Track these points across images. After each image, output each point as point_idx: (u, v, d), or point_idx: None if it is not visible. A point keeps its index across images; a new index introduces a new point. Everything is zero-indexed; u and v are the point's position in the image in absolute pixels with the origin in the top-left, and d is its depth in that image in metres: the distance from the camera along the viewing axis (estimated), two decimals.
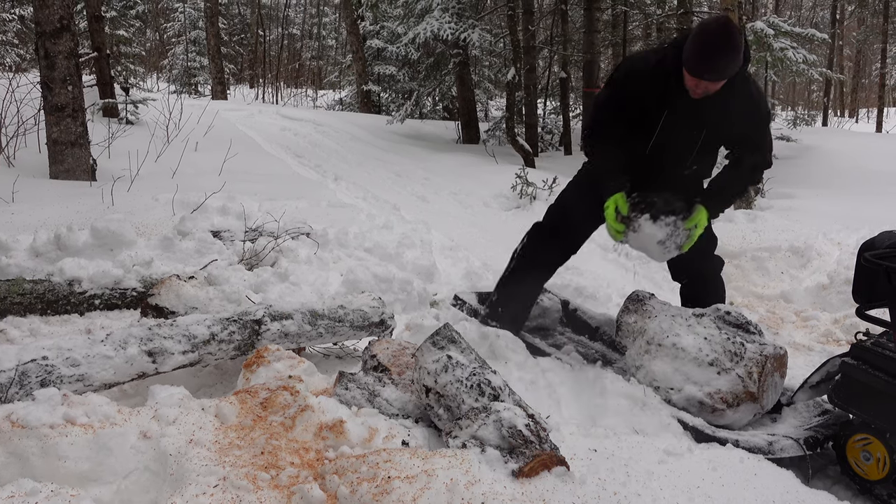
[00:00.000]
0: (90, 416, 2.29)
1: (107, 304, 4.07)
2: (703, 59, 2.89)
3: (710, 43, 2.87)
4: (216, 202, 5.71)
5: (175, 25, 33.06)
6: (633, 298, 3.44)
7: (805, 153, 12.22)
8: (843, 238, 5.79)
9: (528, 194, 7.96)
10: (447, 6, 12.45)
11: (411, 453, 2.25)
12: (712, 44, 2.87)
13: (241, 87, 34.33)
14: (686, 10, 11.79)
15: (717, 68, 2.91)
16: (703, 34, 2.90)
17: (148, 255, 4.43)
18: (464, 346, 2.79)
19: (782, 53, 11.09)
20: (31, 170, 6.64)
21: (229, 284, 4.03)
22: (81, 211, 5.28)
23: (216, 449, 2.26)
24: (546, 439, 2.40)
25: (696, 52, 2.90)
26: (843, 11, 27.70)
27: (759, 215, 6.90)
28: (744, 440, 2.79)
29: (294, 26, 39.65)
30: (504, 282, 3.91)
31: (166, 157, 7.87)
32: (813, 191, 8.84)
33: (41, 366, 2.61)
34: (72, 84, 6.59)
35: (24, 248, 4.28)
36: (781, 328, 4.78)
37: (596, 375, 3.25)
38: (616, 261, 6.19)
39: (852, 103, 33.12)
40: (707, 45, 2.88)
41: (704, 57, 2.89)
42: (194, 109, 10.94)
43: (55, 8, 6.41)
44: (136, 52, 18.44)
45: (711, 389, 2.95)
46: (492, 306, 3.88)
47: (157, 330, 2.98)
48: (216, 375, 3.39)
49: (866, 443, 2.73)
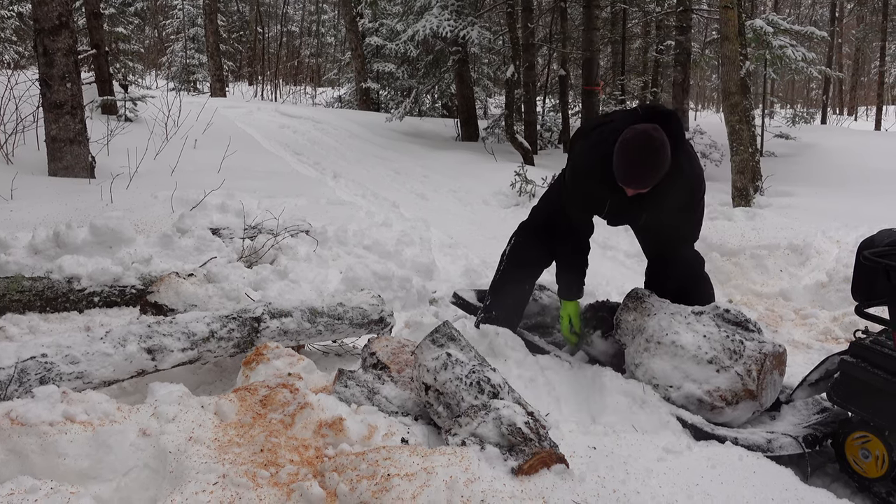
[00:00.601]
0: (90, 414, 2.29)
1: (106, 301, 4.07)
2: (628, 173, 2.97)
3: (633, 160, 2.94)
4: (215, 199, 5.70)
5: (174, 22, 32.97)
6: (633, 296, 3.44)
7: (804, 151, 12.23)
8: (842, 236, 5.79)
9: (527, 192, 7.96)
10: (446, 4, 12.44)
11: (411, 451, 2.26)
12: (635, 161, 2.94)
13: (239, 84, 34.26)
14: (685, 7, 11.80)
15: (641, 180, 3.00)
16: (626, 151, 2.95)
17: (147, 252, 4.43)
18: (463, 343, 2.80)
19: (781, 51, 11.09)
20: (29, 167, 6.63)
21: (228, 282, 4.03)
22: (80, 208, 5.28)
23: (216, 446, 2.26)
24: (545, 437, 2.40)
25: (621, 168, 2.97)
26: (843, 9, 27.68)
27: (757, 213, 6.90)
28: (743, 438, 2.80)
29: (293, 23, 39.59)
30: (496, 285, 3.93)
31: (165, 155, 7.86)
32: (812, 188, 8.84)
33: (40, 363, 2.61)
34: (70, 81, 6.57)
35: (23, 246, 4.27)
36: (780, 326, 4.78)
37: (595, 373, 3.25)
38: (615, 258, 6.20)
39: (851, 101, 33.11)
40: (631, 162, 2.94)
41: (630, 172, 2.97)
42: (193, 107, 10.93)
43: (54, 5, 6.40)
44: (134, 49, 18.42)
45: (710, 387, 2.95)
46: (486, 309, 3.88)
47: (157, 327, 2.99)
48: (215, 373, 3.39)
49: (865, 440, 2.73)
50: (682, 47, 11.95)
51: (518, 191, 8.03)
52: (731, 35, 7.74)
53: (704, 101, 37.89)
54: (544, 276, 4.93)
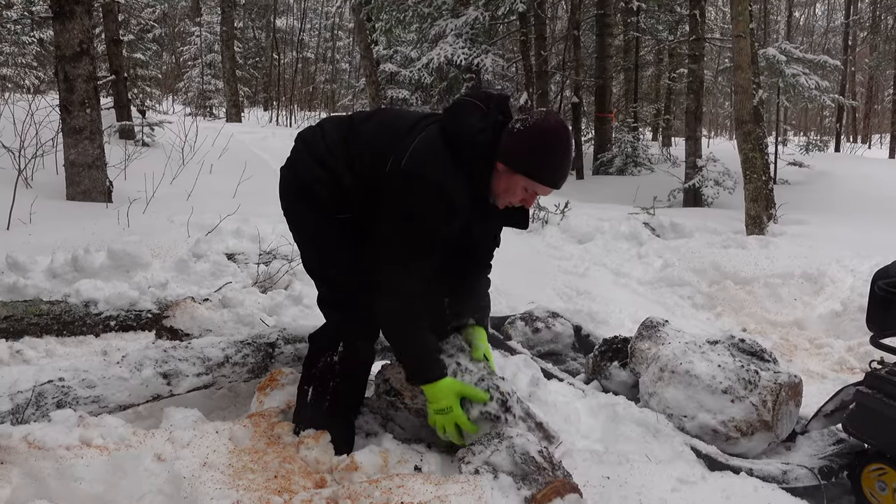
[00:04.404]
0: (105, 438, 2.31)
1: (122, 325, 4.10)
2: (561, 171, 2.44)
3: (566, 152, 2.43)
4: (231, 224, 5.75)
5: (191, 49, 33.46)
6: (647, 325, 3.44)
7: (818, 179, 12.21)
8: (857, 265, 5.76)
9: (539, 218, 7.98)
10: (461, 32, 12.58)
11: (424, 479, 2.26)
12: (567, 152, 2.44)
13: (255, 109, 34.62)
14: (698, 36, 11.86)
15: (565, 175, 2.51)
16: (555, 141, 2.38)
17: (163, 277, 4.47)
18: (472, 355, 2.78)
19: (794, 79, 11.13)
20: (48, 191, 6.71)
21: (243, 307, 4.05)
22: (98, 232, 5.33)
23: (230, 472, 2.27)
24: (559, 466, 2.40)
25: (559, 164, 2.42)
26: (856, 38, 27.76)
27: (771, 241, 6.88)
28: (758, 469, 2.78)
29: (308, 50, 40.05)
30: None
31: (181, 180, 7.95)
32: (825, 217, 8.82)
33: (58, 387, 2.63)
34: (90, 107, 6.68)
35: (41, 270, 4.32)
36: (795, 355, 4.75)
37: (608, 402, 3.24)
38: (628, 286, 6.19)
39: (865, 129, 33.05)
40: (566, 152, 2.43)
41: (564, 168, 2.44)
42: (209, 132, 11.05)
43: (75, 32, 6.52)
44: (152, 74, 18.67)
45: (725, 417, 2.94)
46: None
47: (172, 352, 3.00)
48: (229, 398, 3.40)
49: (881, 473, 2.71)
50: (694, 75, 11.99)
51: (531, 217, 8.05)
52: (743, 64, 7.77)
53: (717, 128, 37.92)
54: (557, 303, 4.94)
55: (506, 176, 2.44)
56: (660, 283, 6.07)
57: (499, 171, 2.44)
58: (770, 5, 23.70)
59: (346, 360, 2.69)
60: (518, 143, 2.39)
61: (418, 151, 2.42)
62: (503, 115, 2.51)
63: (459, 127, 2.44)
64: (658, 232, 7.78)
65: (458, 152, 2.41)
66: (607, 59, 15.71)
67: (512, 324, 4.22)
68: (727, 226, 8.08)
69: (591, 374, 3.71)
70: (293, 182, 2.74)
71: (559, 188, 2.50)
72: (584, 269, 6.36)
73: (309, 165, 2.66)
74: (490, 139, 2.43)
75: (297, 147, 2.76)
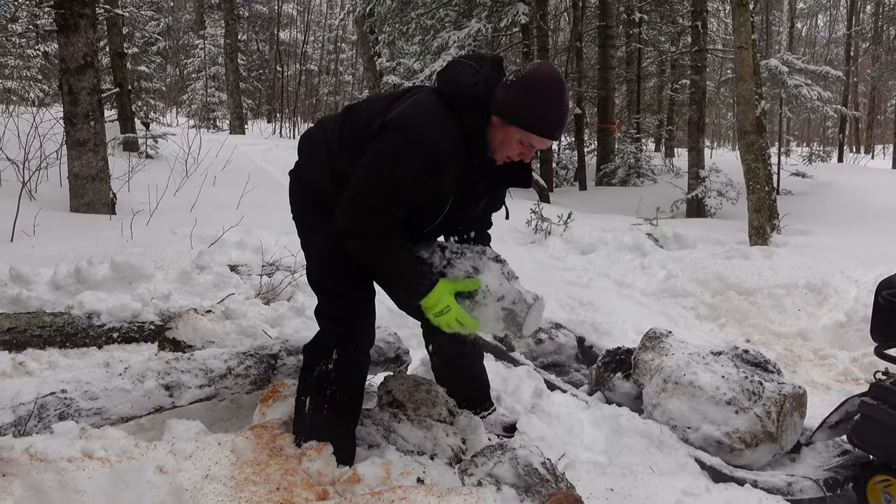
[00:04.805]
0: (108, 450, 2.30)
1: (125, 337, 4.10)
2: (561, 116, 2.37)
3: (563, 100, 2.36)
4: (234, 236, 5.76)
5: (195, 61, 33.65)
6: (650, 336, 3.43)
7: (821, 189, 12.21)
8: (861, 276, 5.74)
9: (542, 229, 7.97)
10: (463, 44, 12.63)
11: (427, 491, 2.25)
12: (564, 99, 2.37)
13: (258, 121, 34.76)
14: (700, 47, 11.90)
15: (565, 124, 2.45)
16: (547, 90, 2.34)
17: (166, 288, 4.47)
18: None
19: (797, 90, 11.15)
20: (52, 203, 6.73)
21: (246, 318, 4.05)
22: (101, 244, 5.34)
23: (232, 484, 2.26)
24: (562, 477, 2.39)
25: (553, 112, 2.35)
26: (858, 48, 27.80)
27: (774, 252, 6.87)
28: (762, 480, 2.76)
29: (312, 62, 40.22)
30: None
31: (185, 191, 7.97)
32: (829, 227, 8.80)
33: (60, 399, 2.63)
34: (94, 119, 6.71)
35: (44, 281, 4.33)
36: (799, 366, 4.73)
37: (612, 413, 3.23)
38: (631, 297, 6.17)
39: (868, 140, 33.07)
40: (562, 102, 2.36)
41: (563, 113, 2.37)
42: (213, 144, 11.08)
43: (80, 45, 6.56)
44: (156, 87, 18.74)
45: (729, 429, 2.92)
46: None
47: (175, 364, 3.00)
48: (232, 410, 3.39)
49: (887, 484, 2.69)
50: (697, 86, 12.02)
51: (534, 228, 8.04)
52: (746, 75, 7.78)
53: (720, 139, 37.96)
54: (560, 314, 4.93)
55: (501, 129, 2.40)
56: (663, 293, 6.06)
57: (494, 124, 2.40)
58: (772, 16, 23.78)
59: (340, 367, 2.66)
60: (510, 94, 2.36)
61: (409, 105, 2.42)
62: (497, 72, 2.47)
63: (451, 83, 2.43)
64: (661, 243, 7.76)
65: (452, 108, 2.40)
66: (610, 70, 15.76)
67: None
68: (730, 236, 8.07)
69: (594, 386, 3.70)
70: (302, 189, 2.73)
71: (555, 139, 2.44)
72: (588, 280, 6.35)
73: (317, 170, 2.64)
74: (483, 92, 2.39)
75: (303, 151, 2.75)
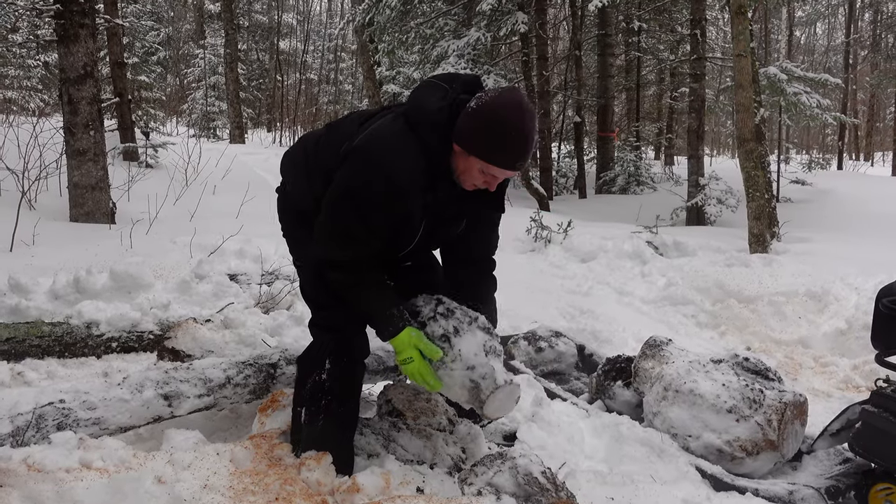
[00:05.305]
0: (106, 460, 2.29)
1: (124, 346, 4.09)
2: (521, 147, 2.27)
3: (523, 130, 2.25)
4: (233, 245, 5.75)
5: (195, 71, 33.73)
6: (651, 344, 3.42)
7: (820, 197, 12.22)
8: (861, 283, 5.74)
9: (542, 237, 7.97)
10: (463, 53, 12.66)
11: (426, 500, 2.24)
12: (530, 127, 2.27)
13: (258, 130, 34.80)
14: (699, 55, 11.92)
15: (531, 152, 2.35)
16: (505, 121, 2.23)
17: (165, 298, 4.47)
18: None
19: (796, 98, 11.16)
20: (51, 213, 6.73)
21: (245, 328, 4.04)
22: (100, 254, 5.34)
23: (231, 494, 2.25)
24: (562, 486, 2.38)
25: (511, 143, 2.25)
26: (856, 56, 27.89)
27: (775, 259, 6.87)
28: (764, 489, 2.75)
29: (312, 71, 40.32)
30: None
31: (185, 201, 7.97)
32: (829, 234, 8.80)
33: (58, 409, 2.62)
34: (94, 129, 6.72)
35: (43, 291, 4.32)
36: (800, 374, 4.72)
37: (612, 421, 3.22)
38: (631, 304, 6.16)
39: (867, 147, 33.11)
40: (518, 132, 2.24)
41: (522, 144, 2.27)
42: (213, 153, 11.10)
43: (80, 55, 6.57)
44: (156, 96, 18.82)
45: (730, 437, 2.91)
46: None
47: (174, 373, 2.99)
48: (231, 419, 3.38)
49: (889, 492, 2.68)
50: (696, 94, 12.03)
51: (534, 237, 8.04)
52: (745, 83, 7.80)
53: (720, 146, 38.00)
54: (560, 323, 4.93)
55: (462, 158, 2.33)
56: (663, 301, 6.05)
57: (456, 152, 2.34)
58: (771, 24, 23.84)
59: (333, 377, 2.65)
60: (468, 124, 2.28)
61: (372, 131, 2.38)
62: (470, 94, 2.38)
63: (417, 107, 2.37)
64: (661, 250, 7.76)
65: (417, 133, 2.33)
66: (609, 78, 15.80)
67: (515, 343, 4.20)
68: (730, 244, 8.07)
69: (594, 394, 3.69)
70: (288, 207, 2.74)
71: (517, 169, 2.35)
72: (588, 288, 6.34)
73: (300, 190, 2.64)
74: (447, 118, 2.33)
75: (287, 170, 2.75)
